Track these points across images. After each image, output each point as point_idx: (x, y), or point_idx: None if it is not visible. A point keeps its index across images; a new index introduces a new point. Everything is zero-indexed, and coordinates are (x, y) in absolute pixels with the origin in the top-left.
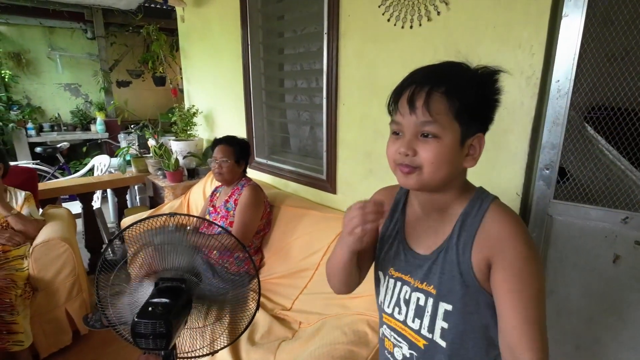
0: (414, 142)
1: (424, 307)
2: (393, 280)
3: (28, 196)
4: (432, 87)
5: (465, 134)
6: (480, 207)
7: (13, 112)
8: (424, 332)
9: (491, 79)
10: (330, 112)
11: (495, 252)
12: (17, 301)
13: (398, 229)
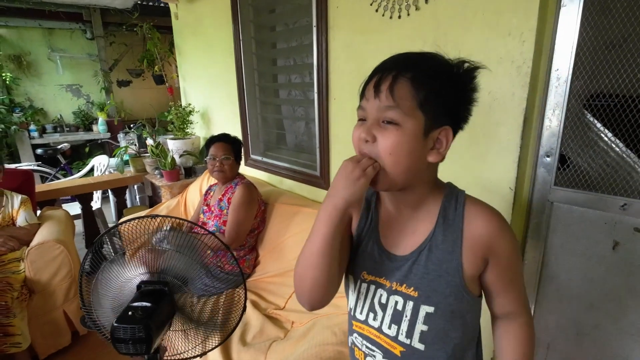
0: (375, 128)
1: (402, 312)
2: (366, 284)
3: (24, 200)
4: (398, 72)
5: (429, 124)
6: (457, 202)
7: (15, 115)
8: (402, 338)
9: (466, 74)
10: (322, 107)
11: (489, 247)
12: (13, 304)
13: (372, 229)
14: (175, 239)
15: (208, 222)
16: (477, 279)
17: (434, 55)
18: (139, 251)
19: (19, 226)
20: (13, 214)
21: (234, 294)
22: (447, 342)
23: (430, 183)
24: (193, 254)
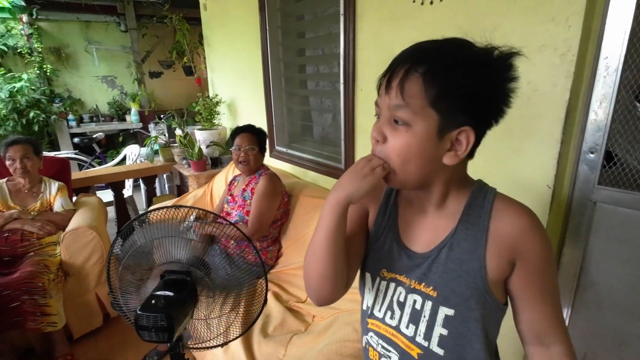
0: (386, 127)
1: (421, 311)
2: (385, 282)
3: (61, 187)
4: (411, 66)
5: (445, 124)
6: (485, 198)
7: (55, 105)
8: (419, 340)
9: (499, 63)
10: (348, 98)
11: (518, 248)
12: (50, 285)
13: (391, 225)
14: (201, 229)
15: (232, 212)
16: (502, 284)
17: (459, 42)
18: (165, 240)
19: (56, 211)
20: (51, 200)
21: (256, 284)
22: (469, 351)
23: (454, 181)
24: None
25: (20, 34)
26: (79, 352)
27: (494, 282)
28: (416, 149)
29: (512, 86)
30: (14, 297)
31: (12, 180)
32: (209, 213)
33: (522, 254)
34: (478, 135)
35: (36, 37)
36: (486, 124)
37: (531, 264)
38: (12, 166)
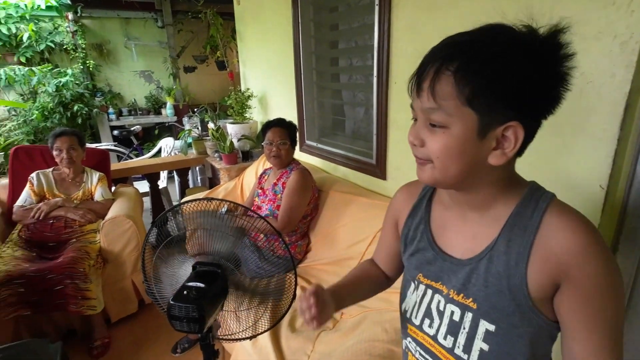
0: (423, 131)
1: (460, 323)
2: (423, 287)
3: (102, 177)
4: (441, 65)
5: (486, 122)
6: (536, 207)
7: (97, 99)
8: (459, 352)
9: (547, 44)
10: (381, 92)
11: (565, 269)
12: (90, 271)
13: (423, 229)
14: (230, 222)
15: (262, 206)
16: (550, 302)
17: (495, 29)
18: (196, 232)
19: (96, 201)
20: (92, 189)
21: (284, 278)
22: None
23: (500, 183)
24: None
25: (66, 31)
26: (116, 336)
27: (540, 299)
28: (456, 151)
29: (569, 66)
30: (57, 281)
31: (57, 170)
32: (240, 206)
33: (571, 277)
34: (528, 129)
35: (80, 34)
36: (538, 116)
37: (581, 289)
38: (59, 156)
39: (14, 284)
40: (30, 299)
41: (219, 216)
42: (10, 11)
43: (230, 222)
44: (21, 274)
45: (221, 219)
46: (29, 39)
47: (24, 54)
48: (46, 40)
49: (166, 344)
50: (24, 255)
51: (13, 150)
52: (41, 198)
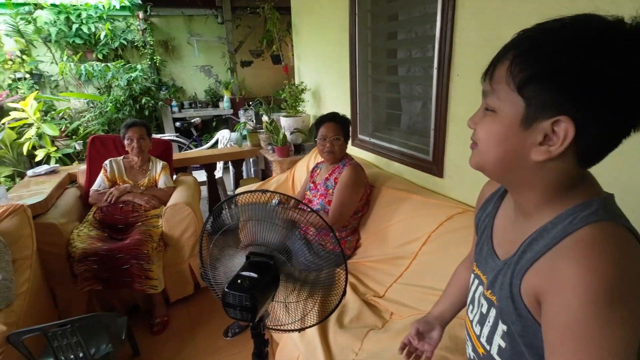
0: (478, 115)
1: (486, 316)
2: (474, 275)
3: (165, 166)
4: (509, 49)
5: (532, 112)
6: (569, 224)
7: (162, 92)
8: (483, 341)
9: (631, 37)
10: (441, 85)
11: (545, 289)
12: (153, 253)
13: (487, 222)
14: (282, 214)
15: (313, 200)
16: None
17: (583, 19)
18: (249, 222)
19: (160, 188)
20: (156, 177)
21: (334, 273)
22: None
23: (548, 191)
24: (297, 230)
25: (136, 30)
26: (174, 315)
27: (536, 314)
28: (497, 137)
29: None
30: (125, 260)
31: (127, 158)
32: (292, 199)
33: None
34: (589, 130)
35: (149, 32)
36: (611, 116)
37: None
38: (130, 145)
39: (89, 260)
40: (102, 275)
41: (272, 208)
42: (91, 12)
43: (282, 214)
44: (95, 252)
45: (274, 211)
46: (106, 37)
47: (101, 51)
48: (120, 38)
49: (218, 326)
50: (97, 235)
51: (90, 139)
52: (113, 183)
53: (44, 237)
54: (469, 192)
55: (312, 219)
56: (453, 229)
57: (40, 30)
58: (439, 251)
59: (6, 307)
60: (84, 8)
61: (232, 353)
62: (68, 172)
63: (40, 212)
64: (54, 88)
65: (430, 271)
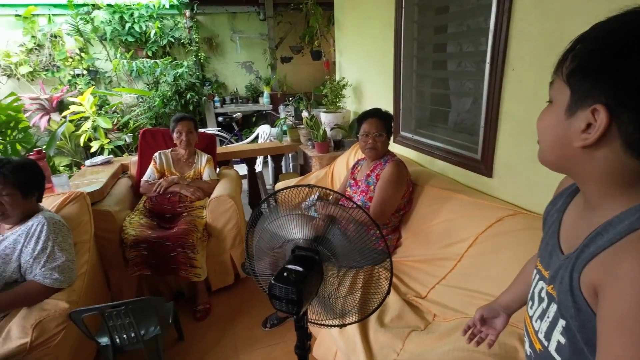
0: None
1: (546, 311)
2: (536, 271)
3: (209, 159)
4: (575, 44)
5: (574, 101)
6: (637, 220)
7: (205, 88)
8: (541, 337)
9: None
10: (493, 80)
11: (604, 281)
12: (197, 242)
13: (556, 217)
14: (324, 209)
15: (354, 197)
16: None
17: None
18: (296, 217)
19: (204, 180)
20: (201, 170)
21: (372, 270)
22: None
23: (608, 182)
24: (338, 223)
25: (183, 27)
26: (215, 303)
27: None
28: (547, 124)
29: None
30: (172, 248)
31: (175, 151)
32: (336, 194)
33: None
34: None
35: (195, 30)
36: None
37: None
38: (179, 139)
39: (140, 247)
40: (151, 262)
41: (311, 202)
42: (142, 11)
43: (325, 209)
44: (145, 239)
45: (313, 204)
46: (155, 35)
47: (150, 49)
48: (168, 36)
49: (257, 317)
50: (147, 223)
51: (141, 132)
52: (161, 175)
53: (99, 224)
54: (521, 193)
55: (356, 215)
56: (503, 232)
57: (97, 29)
58: (487, 254)
59: (68, 287)
60: (136, 7)
61: (270, 344)
62: (121, 163)
63: (97, 200)
64: (107, 84)
65: (477, 274)
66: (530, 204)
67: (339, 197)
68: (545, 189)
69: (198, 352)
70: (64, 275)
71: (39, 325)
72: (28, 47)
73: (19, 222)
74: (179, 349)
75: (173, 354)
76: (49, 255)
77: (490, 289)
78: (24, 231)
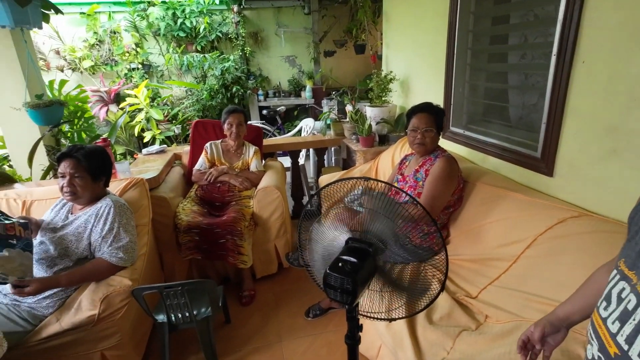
0: None
1: (632, 313)
2: (615, 271)
3: (256, 151)
4: None
5: None
6: None
7: (250, 81)
8: (620, 340)
9: None
10: (561, 73)
11: None
12: (245, 231)
13: None
14: (376, 201)
15: (400, 193)
16: None
17: None
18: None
19: (252, 171)
20: (248, 161)
21: (419, 267)
22: None
23: None
24: (390, 217)
25: (231, 22)
26: (259, 290)
27: None
28: None
29: None
30: (221, 235)
31: (224, 142)
32: (394, 188)
33: None
34: None
35: (241, 24)
36: None
37: None
38: (229, 130)
39: (192, 232)
40: (202, 247)
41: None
42: (193, 7)
43: (370, 203)
44: (197, 225)
45: (358, 197)
46: (204, 30)
47: (200, 43)
48: (216, 31)
49: (299, 306)
50: (199, 210)
51: (194, 123)
52: (212, 164)
53: (156, 209)
54: (586, 194)
55: (402, 211)
56: (566, 234)
57: (152, 25)
58: (546, 256)
59: (131, 266)
60: (188, 4)
61: (313, 333)
62: (174, 152)
63: (153, 187)
64: (159, 77)
65: (535, 277)
66: (597, 205)
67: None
68: (615, 190)
69: (244, 335)
70: (128, 255)
71: (106, 299)
72: (90, 43)
73: (88, 203)
74: (226, 331)
75: (221, 336)
76: (115, 236)
77: (551, 293)
78: (93, 212)
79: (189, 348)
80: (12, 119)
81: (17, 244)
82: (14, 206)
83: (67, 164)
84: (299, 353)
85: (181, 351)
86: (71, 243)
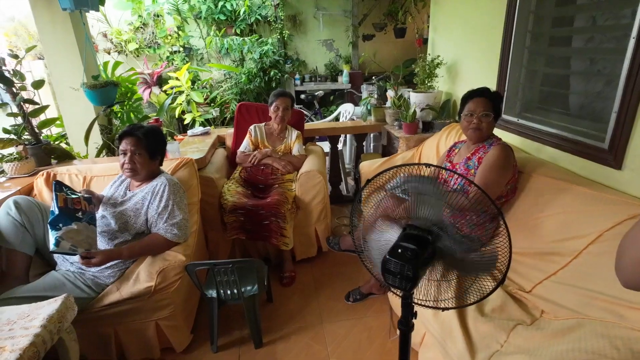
0: None
1: None
2: None
3: (299, 135)
4: None
5: None
6: None
7: (287, 65)
8: None
9: None
10: (638, 57)
11: None
12: (287, 213)
13: None
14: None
15: (450, 180)
16: None
17: None
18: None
19: (294, 155)
20: (291, 145)
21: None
22: None
23: None
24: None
25: (270, 5)
26: (299, 272)
27: None
28: None
29: None
30: (265, 217)
31: (268, 125)
32: (456, 174)
33: None
34: None
35: (280, 7)
36: None
37: None
38: (275, 112)
39: (237, 213)
40: (247, 227)
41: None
42: None
43: (443, 189)
44: (242, 206)
45: (436, 185)
46: (244, 13)
47: (239, 27)
48: (255, 14)
49: (339, 290)
50: (243, 192)
51: (238, 106)
52: (256, 147)
53: (203, 188)
54: None
55: (463, 200)
56: None
57: (193, 8)
58: (613, 253)
59: (184, 242)
60: None
61: (353, 317)
62: (217, 134)
63: (200, 167)
64: (199, 60)
65: (600, 274)
66: None
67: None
68: None
69: (285, 314)
70: (181, 232)
71: (162, 273)
72: (135, 26)
73: (145, 180)
74: (269, 310)
75: (264, 314)
76: (170, 213)
77: (618, 292)
78: (150, 189)
79: (235, 324)
80: (70, 99)
81: (83, 217)
82: (75, 181)
83: (129, 141)
84: (340, 336)
85: (228, 326)
86: (130, 218)
